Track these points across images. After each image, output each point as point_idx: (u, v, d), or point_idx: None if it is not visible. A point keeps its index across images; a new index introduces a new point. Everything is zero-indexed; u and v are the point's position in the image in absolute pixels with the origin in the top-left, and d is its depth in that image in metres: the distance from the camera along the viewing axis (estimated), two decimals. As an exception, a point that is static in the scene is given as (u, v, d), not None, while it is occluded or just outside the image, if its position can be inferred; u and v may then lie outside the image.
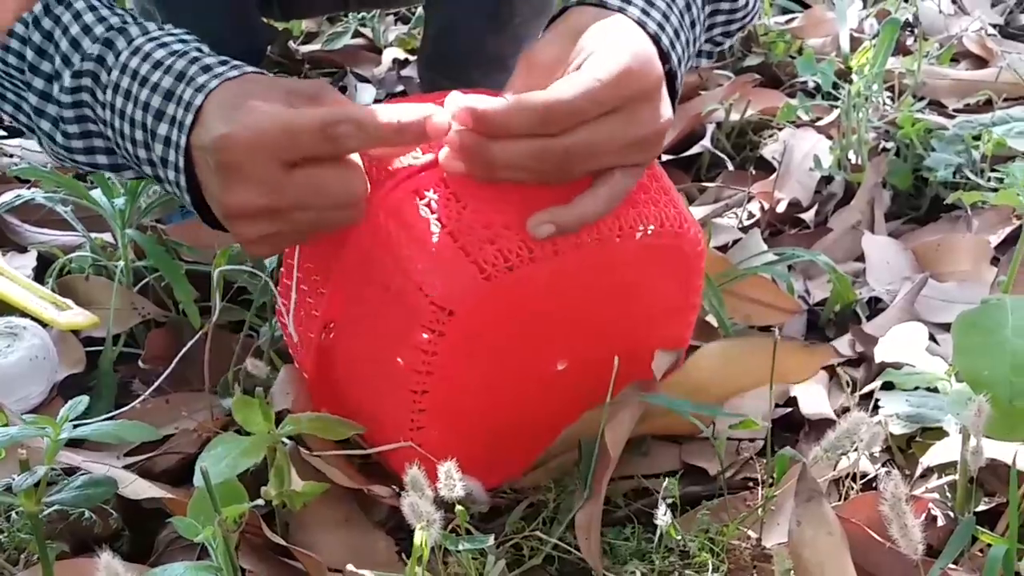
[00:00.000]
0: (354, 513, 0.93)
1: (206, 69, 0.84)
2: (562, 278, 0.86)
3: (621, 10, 0.86)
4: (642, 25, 0.86)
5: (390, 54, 1.73)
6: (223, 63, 0.85)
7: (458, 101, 0.80)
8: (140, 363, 1.08)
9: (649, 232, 0.88)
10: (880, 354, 0.94)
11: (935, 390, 0.89)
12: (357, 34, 1.79)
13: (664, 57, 0.87)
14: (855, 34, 1.66)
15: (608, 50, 0.82)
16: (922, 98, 1.56)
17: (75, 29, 0.88)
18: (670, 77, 0.88)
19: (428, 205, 0.85)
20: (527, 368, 0.91)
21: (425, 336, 0.84)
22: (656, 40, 0.86)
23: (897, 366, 0.90)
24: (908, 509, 0.66)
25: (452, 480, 0.77)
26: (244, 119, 0.78)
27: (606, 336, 0.92)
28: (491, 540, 0.79)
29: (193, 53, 0.86)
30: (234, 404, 0.85)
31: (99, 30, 0.88)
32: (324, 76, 1.73)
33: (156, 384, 1.00)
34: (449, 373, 0.86)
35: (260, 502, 0.80)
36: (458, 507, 0.79)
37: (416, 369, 0.85)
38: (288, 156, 0.78)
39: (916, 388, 0.93)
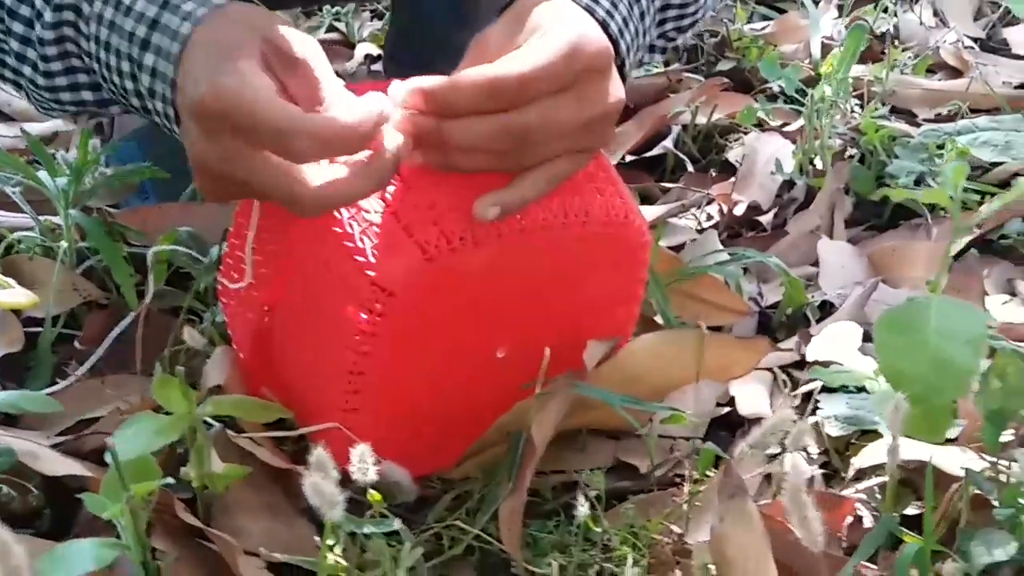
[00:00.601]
0: (279, 499, 0.92)
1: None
2: (505, 263, 0.85)
3: None
4: (590, 11, 0.86)
5: (363, 49, 1.73)
6: None
7: (403, 87, 0.79)
8: (76, 344, 1.07)
9: (594, 221, 0.87)
10: (812, 353, 0.93)
11: (863, 390, 0.88)
12: (331, 28, 1.78)
13: (613, 43, 0.86)
14: (828, 41, 1.65)
15: (557, 26, 0.82)
16: (891, 106, 1.55)
17: None
18: (619, 66, 0.88)
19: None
20: (466, 354, 0.90)
21: (364, 316, 0.83)
22: (604, 26, 0.86)
23: (828, 365, 0.89)
24: (808, 500, 0.66)
25: (365, 463, 0.76)
26: (219, 84, 0.76)
27: (547, 324, 0.91)
28: (397, 523, 0.78)
29: None
30: (154, 383, 0.84)
31: None
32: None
33: (89, 364, 0.99)
34: (387, 355, 0.85)
35: (171, 480, 0.79)
36: (371, 492, 0.78)
37: (353, 349, 0.84)
38: (249, 140, 0.77)
39: (843, 387, 0.92)
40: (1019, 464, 0.78)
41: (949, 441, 0.91)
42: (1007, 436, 0.88)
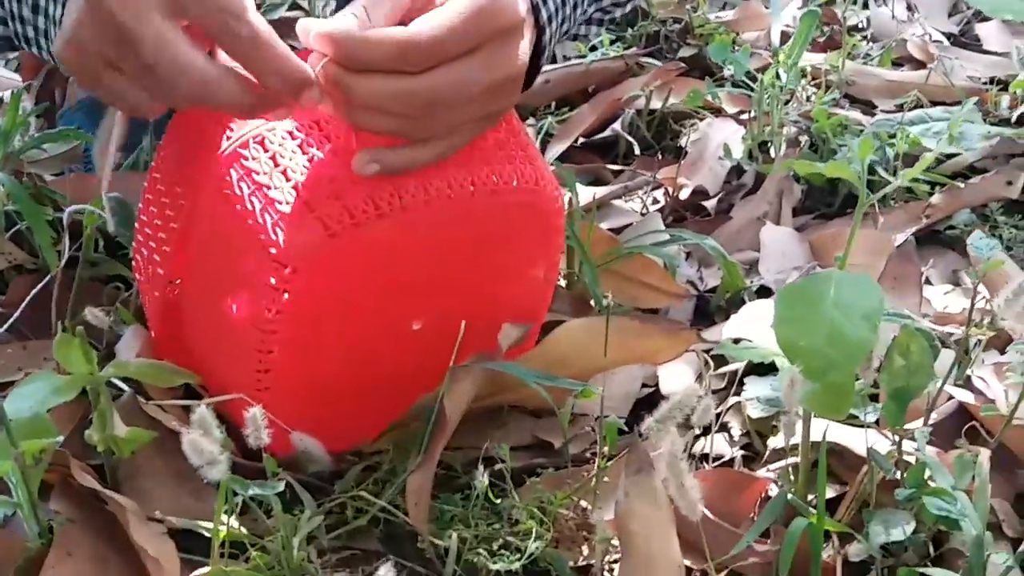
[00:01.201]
0: (188, 467, 0.91)
1: None
2: (412, 235, 0.84)
3: None
4: None
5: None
6: None
7: (314, 27, 0.78)
8: (-1, 309, 1.07)
9: (503, 189, 0.86)
10: (729, 330, 0.92)
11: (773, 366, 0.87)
12: (294, 6, 1.77)
13: (534, 8, 0.86)
14: (789, 30, 1.64)
15: None
16: (849, 96, 1.54)
17: None
18: (540, 30, 0.87)
19: (273, 157, 0.83)
20: (379, 327, 0.89)
21: (269, 294, 0.82)
22: None
23: (739, 342, 0.88)
24: (685, 468, 0.65)
25: (258, 427, 0.75)
26: None
27: (463, 294, 0.90)
28: (281, 486, 0.77)
29: None
30: (55, 343, 0.83)
31: None
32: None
33: (5, 327, 0.98)
34: (294, 332, 0.84)
35: (60, 439, 0.78)
36: (265, 457, 0.78)
37: (260, 328, 0.83)
38: (170, 11, 0.74)
39: (769, 369, 0.91)
40: (919, 443, 0.77)
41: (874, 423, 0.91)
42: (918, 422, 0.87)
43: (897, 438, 0.82)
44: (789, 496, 0.81)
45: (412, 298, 0.89)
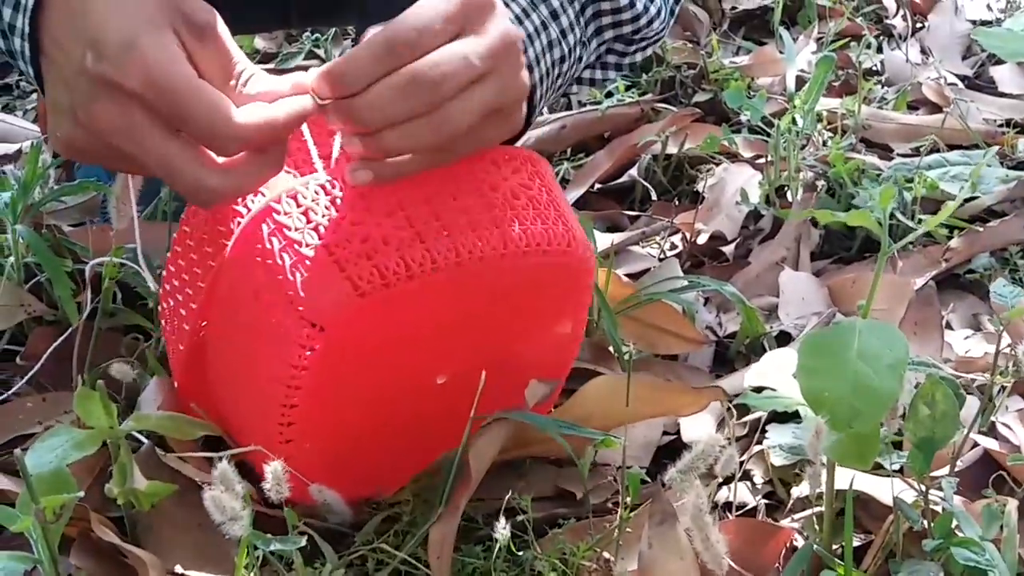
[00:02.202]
0: (209, 519, 0.91)
1: None
2: (441, 295, 0.83)
3: None
4: None
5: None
6: None
7: (309, 77, 0.78)
8: (18, 360, 1.07)
9: (534, 251, 0.85)
10: (749, 379, 0.92)
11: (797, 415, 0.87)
12: (311, 55, 1.79)
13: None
14: (804, 75, 1.65)
15: None
16: (866, 140, 1.54)
17: None
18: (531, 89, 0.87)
19: (306, 212, 0.83)
20: (404, 383, 0.88)
21: (295, 351, 0.81)
22: None
23: (761, 391, 0.87)
24: (710, 521, 0.64)
25: (279, 481, 0.75)
26: (146, 56, 0.71)
27: (487, 351, 0.90)
28: (303, 541, 0.76)
29: None
30: (76, 397, 0.83)
31: None
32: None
33: (26, 379, 0.98)
34: (320, 388, 0.84)
35: (81, 494, 0.77)
36: (286, 509, 0.77)
37: (285, 383, 0.83)
38: (158, 119, 0.73)
39: (792, 417, 0.91)
40: (946, 493, 0.76)
41: (898, 472, 0.90)
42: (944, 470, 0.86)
43: (922, 486, 0.81)
44: (815, 546, 0.81)
45: (437, 354, 0.88)
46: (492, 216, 0.84)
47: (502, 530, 0.79)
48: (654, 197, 1.44)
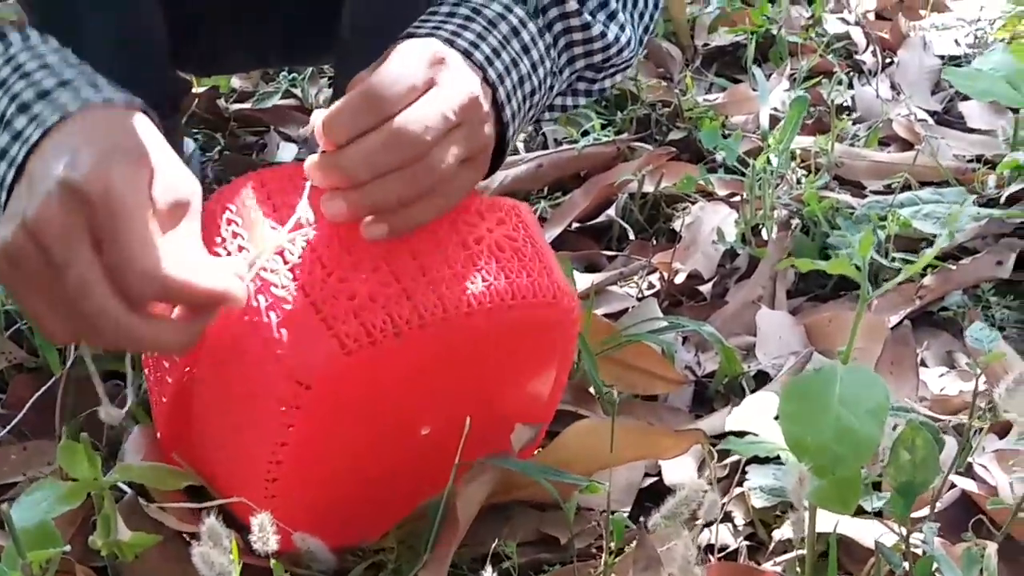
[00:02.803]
0: (192, 568, 0.91)
1: (94, 86, 0.82)
2: (427, 349, 0.84)
3: (449, 43, 0.88)
4: (450, 43, 0.89)
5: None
6: (114, 88, 0.84)
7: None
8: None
9: (520, 305, 0.86)
10: (732, 423, 0.93)
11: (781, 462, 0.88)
12: (288, 94, 1.79)
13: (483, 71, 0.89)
14: (777, 113, 1.67)
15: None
16: (839, 178, 1.56)
17: None
18: (493, 87, 0.90)
19: (293, 270, 0.83)
20: (389, 435, 0.89)
21: (281, 408, 0.81)
22: (468, 55, 0.89)
23: (744, 435, 0.88)
24: (699, 572, 0.65)
25: (266, 533, 0.75)
26: (112, 172, 0.74)
27: (473, 402, 0.90)
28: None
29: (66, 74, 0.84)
30: (59, 449, 0.83)
31: None
32: (250, 135, 1.73)
33: (8, 428, 0.98)
34: (306, 444, 0.84)
35: (68, 548, 0.77)
36: (273, 561, 0.77)
37: (271, 440, 0.83)
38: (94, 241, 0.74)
39: (772, 458, 0.91)
40: (927, 537, 0.77)
41: (878, 515, 0.91)
42: (924, 511, 0.87)
43: (902, 529, 0.82)
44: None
45: (423, 407, 0.89)
46: (478, 269, 0.85)
47: (489, 578, 0.80)
48: (631, 236, 1.45)
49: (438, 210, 0.84)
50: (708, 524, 0.97)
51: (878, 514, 0.91)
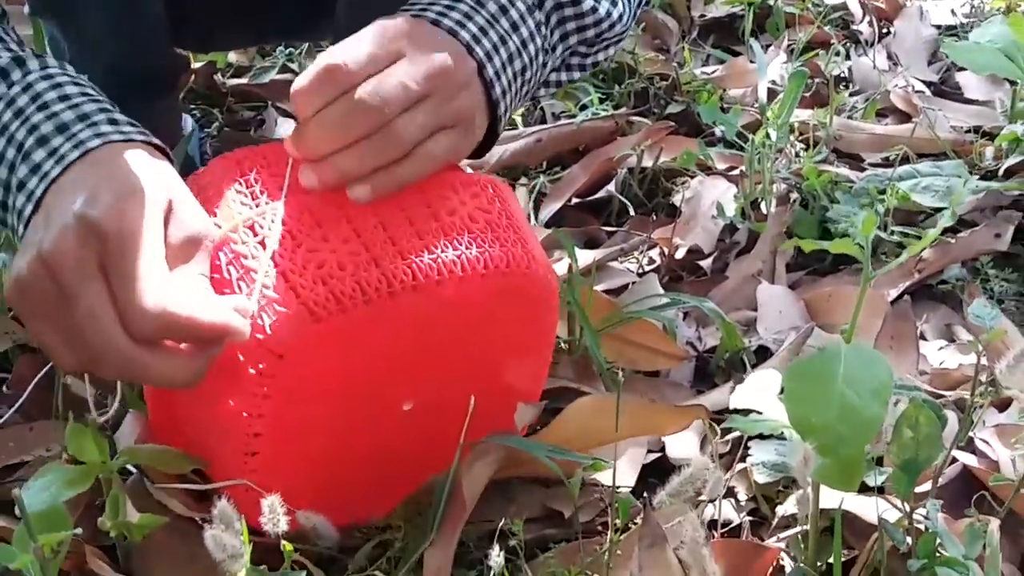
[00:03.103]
0: (201, 549, 0.91)
1: (112, 122, 0.84)
2: (399, 319, 0.84)
3: (435, 23, 0.91)
4: (436, 23, 0.91)
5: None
6: (131, 123, 0.86)
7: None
8: (3, 388, 1.07)
9: (493, 273, 0.87)
10: (735, 400, 0.93)
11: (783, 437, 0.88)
12: (285, 69, 1.79)
13: (467, 47, 0.91)
14: (775, 86, 1.66)
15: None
16: (837, 151, 1.56)
17: None
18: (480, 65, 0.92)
19: (262, 242, 0.84)
20: (369, 409, 0.89)
21: (255, 379, 0.82)
22: (454, 33, 0.91)
23: (748, 413, 0.89)
24: (707, 554, 0.65)
25: (276, 515, 0.75)
26: (125, 210, 0.77)
27: (453, 376, 0.91)
28: (303, 575, 0.77)
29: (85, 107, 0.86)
30: (67, 433, 0.83)
31: None
32: (248, 110, 1.73)
33: (15, 408, 0.98)
34: (283, 415, 0.84)
35: (79, 531, 0.78)
36: (283, 543, 0.78)
37: (247, 412, 0.83)
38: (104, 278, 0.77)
39: (762, 435, 0.92)
40: (930, 515, 0.78)
41: (880, 490, 0.92)
42: (926, 486, 0.88)
43: (904, 504, 0.83)
44: (801, 565, 0.82)
45: (399, 380, 0.89)
46: (449, 239, 0.86)
47: (496, 557, 0.80)
48: (631, 212, 1.45)
49: (414, 175, 0.86)
50: (711, 500, 0.98)
51: (880, 490, 0.92)
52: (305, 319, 0.80)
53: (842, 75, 1.88)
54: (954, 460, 0.95)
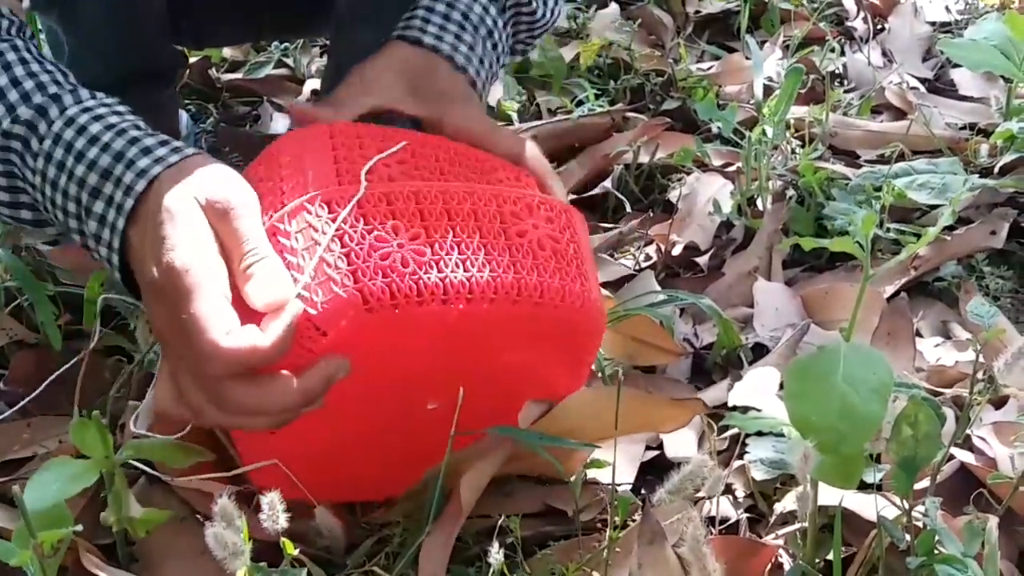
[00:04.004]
0: (203, 542, 0.91)
1: (145, 151, 0.84)
2: (446, 326, 0.84)
3: (434, 49, 1.01)
4: (451, 59, 1.01)
5: (310, 85, 1.73)
6: (162, 143, 0.85)
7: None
8: (1, 384, 1.07)
9: (547, 303, 0.86)
10: (734, 398, 0.94)
11: (781, 435, 0.89)
12: (280, 64, 1.79)
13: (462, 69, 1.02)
14: (771, 83, 1.67)
15: None
16: (833, 148, 1.56)
17: (3, 81, 0.87)
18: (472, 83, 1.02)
19: (334, 219, 0.83)
20: (394, 403, 0.89)
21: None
22: (464, 69, 1.02)
23: (747, 411, 0.89)
24: (708, 552, 0.66)
25: (275, 512, 0.75)
26: (169, 267, 0.78)
27: (482, 387, 0.90)
28: (304, 573, 0.77)
29: (132, 132, 0.86)
30: (72, 427, 0.83)
31: (29, 86, 0.87)
32: (243, 105, 1.73)
33: (20, 406, 0.98)
34: None
35: (79, 528, 0.78)
36: (283, 540, 0.78)
37: None
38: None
39: (759, 432, 0.93)
40: (929, 513, 0.78)
41: (879, 487, 0.92)
42: (924, 483, 0.88)
43: (903, 501, 0.83)
44: (800, 562, 0.83)
45: (432, 382, 0.89)
46: (513, 261, 0.85)
47: (495, 554, 0.80)
48: (628, 208, 1.45)
49: None
50: (709, 497, 0.98)
51: (879, 487, 0.92)
52: (357, 305, 0.80)
53: (836, 71, 1.88)
54: (952, 458, 0.96)
